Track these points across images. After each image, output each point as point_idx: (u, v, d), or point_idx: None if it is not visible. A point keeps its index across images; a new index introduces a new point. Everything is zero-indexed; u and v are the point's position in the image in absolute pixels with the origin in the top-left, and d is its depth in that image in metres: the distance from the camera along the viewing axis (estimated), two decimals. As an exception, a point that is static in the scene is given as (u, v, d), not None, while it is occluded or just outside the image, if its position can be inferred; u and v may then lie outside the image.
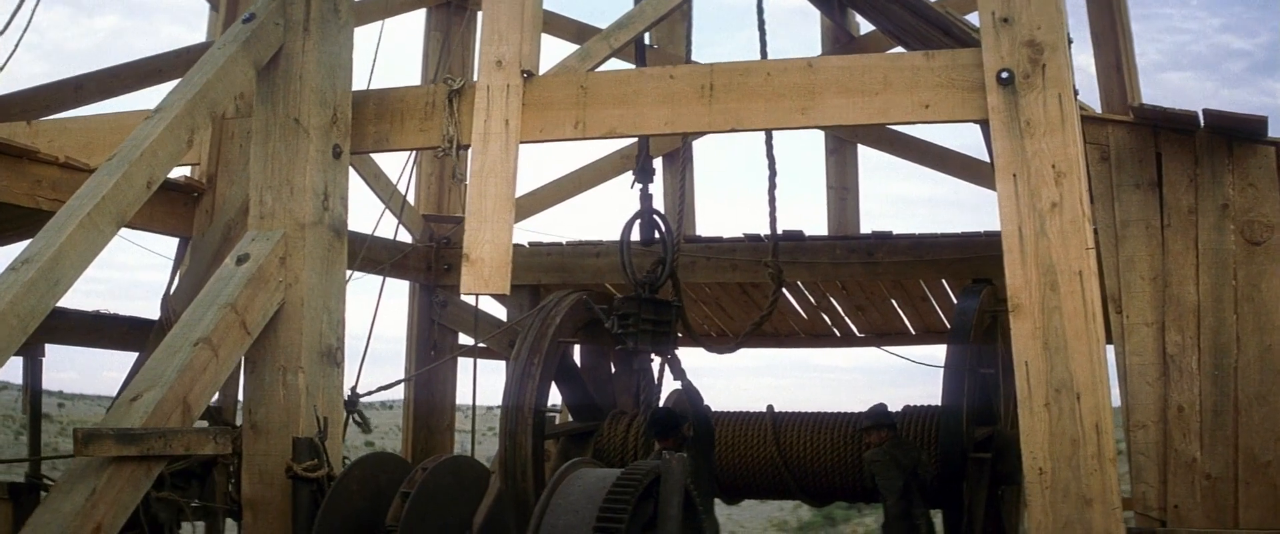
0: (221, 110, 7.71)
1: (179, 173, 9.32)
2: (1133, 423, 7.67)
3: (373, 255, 10.97)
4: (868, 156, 13.86)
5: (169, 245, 9.50)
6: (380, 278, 10.38)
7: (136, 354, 9.51)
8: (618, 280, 12.38)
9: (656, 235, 9.45)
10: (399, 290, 13.47)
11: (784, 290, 12.56)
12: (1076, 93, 7.19)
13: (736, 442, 11.30)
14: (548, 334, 9.90)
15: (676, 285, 9.90)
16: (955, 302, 11.85)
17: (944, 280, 12.63)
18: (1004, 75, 6.97)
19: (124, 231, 8.94)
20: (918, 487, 9.94)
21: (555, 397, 10.49)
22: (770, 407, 11.41)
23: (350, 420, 8.44)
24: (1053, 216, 6.75)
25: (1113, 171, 7.93)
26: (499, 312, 13.58)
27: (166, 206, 8.96)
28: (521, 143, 7.61)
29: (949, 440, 9.85)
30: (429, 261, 13.02)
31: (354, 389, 8.48)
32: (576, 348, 11.03)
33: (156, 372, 6.85)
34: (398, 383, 9.81)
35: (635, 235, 9.47)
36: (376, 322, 9.78)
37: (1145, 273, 7.79)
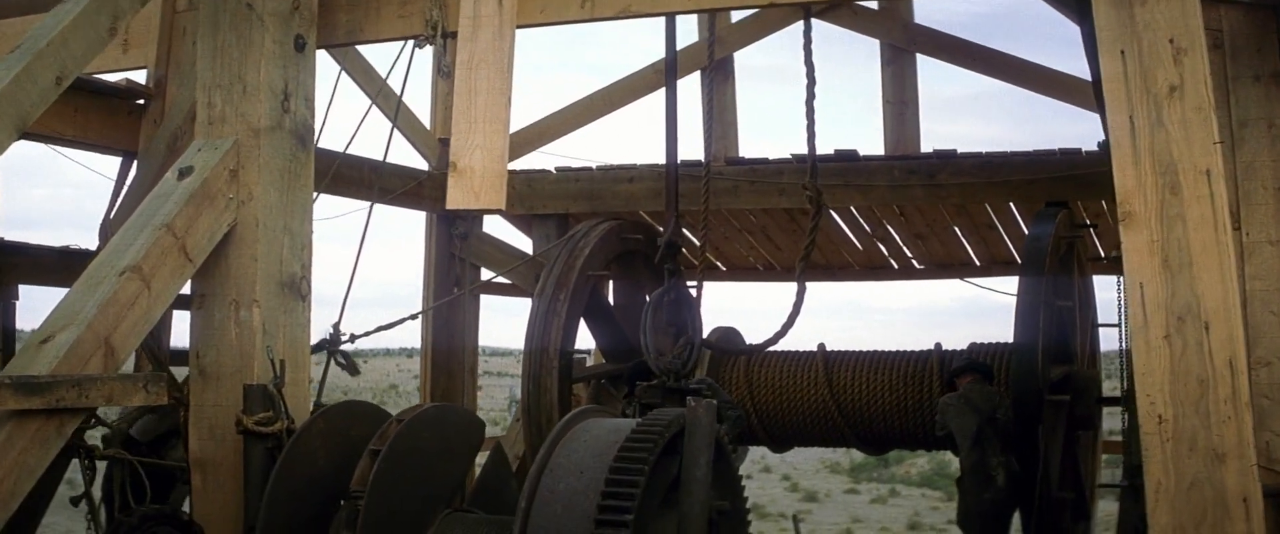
0: (154, -7, 6.47)
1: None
2: (1255, 360, 6.61)
3: (378, 182, 9.93)
4: (925, 80, 12.47)
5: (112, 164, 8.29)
6: (367, 204, 9.24)
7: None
8: (651, 207, 11.64)
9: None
10: (417, 222, 12.71)
11: (833, 215, 11.73)
12: (1193, -44, 5.88)
13: (785, 384, 10.75)
14: (576, 267, 9.38)
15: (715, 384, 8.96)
16: (1026, 229, 11.13)
17: (1013, 205, 11.78)
18: (1106, -71, 5.65)
19: (60, 148, 7.86)
20: (995, 432, 8.99)
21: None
22: (822, 346, 10.87)
23: (331, 363, 7.29)
24: (1171, 103, 5.46)
25: (1227, 61, 6.95)
26: (524, 243, 12.71)
27: (107, 116, 7.79)
28: (518, 27, 6.37)
29: (1023, 381, 9.15)
30: (446, 189, 11.94)
31: (335, 326, 7.36)
32: (608, 283, 10.51)
33: (74, 308, 5.65)
34: (399, 322, 8.67)
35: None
36: (391, 259, 8.68)
37: (1268, 182, 6.73)
